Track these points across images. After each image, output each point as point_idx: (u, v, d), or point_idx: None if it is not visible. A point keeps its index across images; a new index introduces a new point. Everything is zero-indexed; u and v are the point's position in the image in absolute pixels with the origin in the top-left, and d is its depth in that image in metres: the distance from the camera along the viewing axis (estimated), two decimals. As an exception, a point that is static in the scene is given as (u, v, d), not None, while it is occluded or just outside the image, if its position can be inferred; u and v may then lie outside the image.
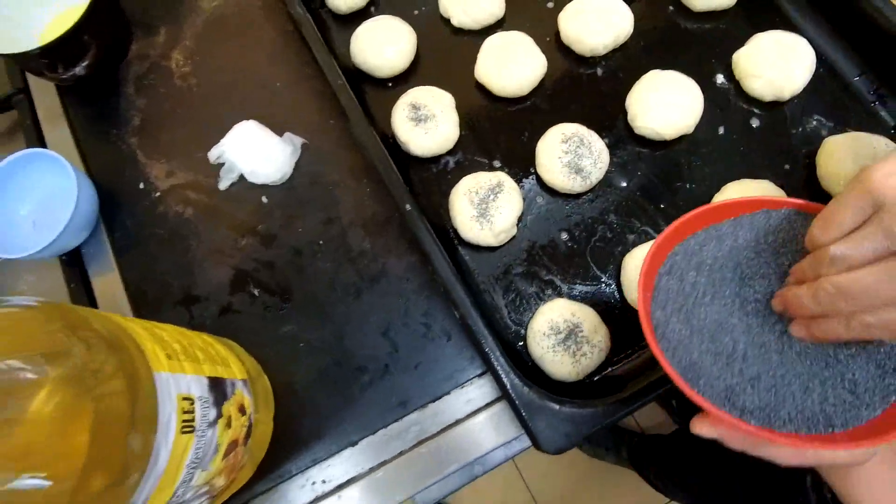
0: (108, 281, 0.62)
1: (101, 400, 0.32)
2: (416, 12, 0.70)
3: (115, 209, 0.65)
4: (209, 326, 0.60)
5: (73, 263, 0.63)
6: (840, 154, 0.57)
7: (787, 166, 0.60)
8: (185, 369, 0.40)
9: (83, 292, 0.62)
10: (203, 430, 0.40)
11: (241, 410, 0.47)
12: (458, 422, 0.56)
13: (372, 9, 0.70)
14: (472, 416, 0.56)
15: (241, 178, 0.64)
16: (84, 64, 0.63)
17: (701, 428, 0.38)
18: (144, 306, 0.61)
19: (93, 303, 0.62)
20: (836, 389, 0.36)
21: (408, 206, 0.55)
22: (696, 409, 0.37)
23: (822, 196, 0.58)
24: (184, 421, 0.38)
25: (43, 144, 0.67)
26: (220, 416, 0.42)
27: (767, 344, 0.38)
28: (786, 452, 0.36)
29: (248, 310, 0.60)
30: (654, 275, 0.41)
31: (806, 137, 0.61)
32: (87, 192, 0.62)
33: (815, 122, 0.61)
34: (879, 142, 0.57)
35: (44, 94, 0.70)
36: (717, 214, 0.42)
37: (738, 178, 0.59)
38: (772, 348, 0.38)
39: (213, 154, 0.64)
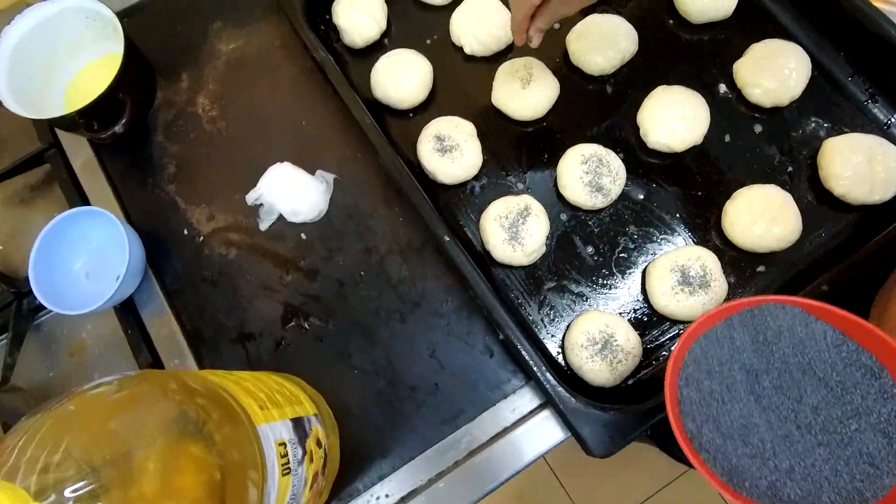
0: (163, 324, 0.66)
1: (223, 455, 0.36)
2: (428, 41, 0.73)
3: (162, 256, 0.68)
4: (266, 362, 0.64)
5: (127, 310, 0.66)
6: (839, 155, 0.61)
7: (790, 168, 0.65)
8: (274, 417, 0.44)
9: (140, 338, 0.66)
10: (296, 469, 0.44)
11: (318, 443, 0.51)
12: (505, 430, 0.61)
13: (386, 41, 0.73)
14: (520, 424, 0.61)
15: (280, 217, 0.67)
16: (122, 122, 0.66)
17: None
18: (202, 346, 0.65)
19: (150, 347, 0.65)
20: (860, 465, 0.41)
21: (446, 238, 0.59)
22: None
23: (827, 196, 0.62)
24: (283, 465, 0.42)
25: (83, 198, 0.70)
26: (304, 452, 0.47)
27: (790, 435, 0.43)
28: None
29: (300, 342, 0.64)
30: (676, 389, 0.46)
31: (805, 139, 0.65)
32: (135, 243, 0.65)
33: (813, 124, 0.66)
34: (875, 141, 0.61)
35: (76, 147, 0.72)
36: (710, 321, 0.46)
37: (746, 184, 0.63)
38: (794, 438, 0.43)
39: (251, 197, 0.67)
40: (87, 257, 0.67)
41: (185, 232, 0.69)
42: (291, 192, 0.66)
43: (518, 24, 0.54)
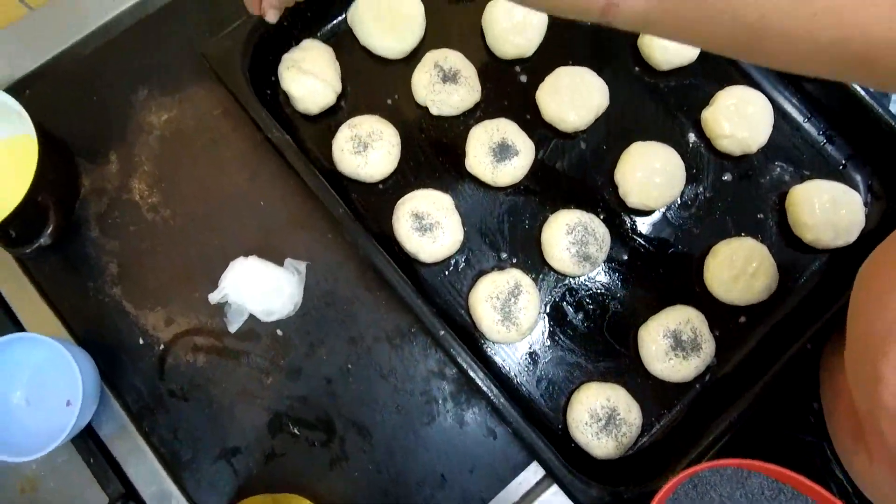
0: (131, 450, 0.60)
1: None
2: (389, 101, 0.67)
3: (118, 372, 0.61)
4: (257, 477, 0.59)
5: (86, 438, 0.59)
6: (805, 204, 0.64)
7: (759, 216, 0.66)
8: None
9: (106, 466, 0.59)
10: None
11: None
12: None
13: (342, 102, 0.67)
14: (529, 498, 0.61)
15: (251, 315, 0.62)
16: (48, 232, 0.57)
17: None
18: (182, 469, 0.59)
19: (121, 476, 0.59)
20: None
21: (439, 331, 0.57)
22: None
23: (796, 242, 0.65)
24: None
25: (10, 314, 0.61)
26: None
27: None
28: None
29: (292, 450, 0.60)
30: None
31: (773, 184, 0.67)
32: (85, 364, 0.57)
33: (778, 169, 0.67)
34: (837, 188, 0.64)
35: (-9, 254, 0.62)
36: (675, 483, 0.49)
37: (724, 233, 0.65)
38: None
39: (215, 297, 0.60)
40: (26, 384, 0.59)
41: (141, 341, 0.61)
42: (261, 290, 0.60)
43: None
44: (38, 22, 0.67)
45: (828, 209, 0.63)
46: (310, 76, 0.63)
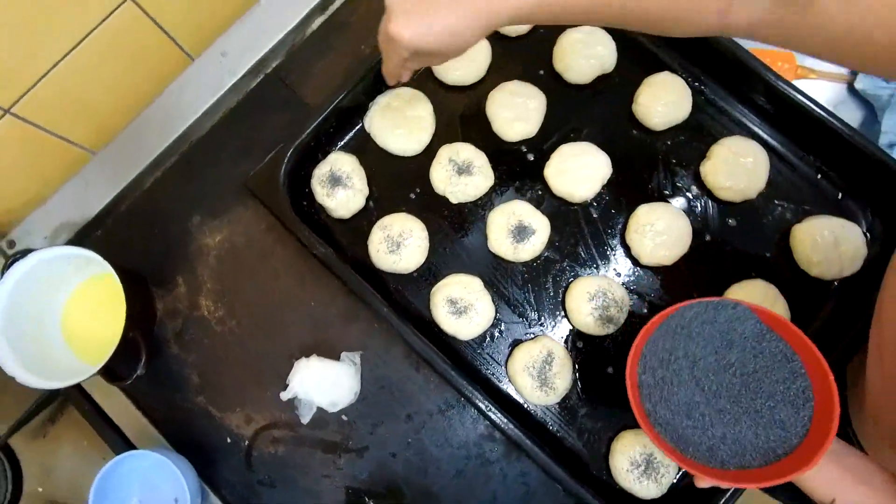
0: (234, 536, 0.69)
1: None
2: (412, 196, 0.74)
3: (212, 469, 0.70)
4: (344, 547, 0.68)
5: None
6: (808, 241, 0.68)
7: (767, 254, 0.71)
8: None
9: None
10: None
11: None
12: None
13: (371, 203, 0.74)
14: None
15: (318, 407, 0.70)
16: (142, 363, 0.66)
17: (701, 483, 0.54)
18: (280, 550, 0.68)
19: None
20: (774, 430, 0.53)
21: (482, 405, 0.64)
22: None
23: (803, 278, 0.70)
24: None
25: (112, 426, 0.70)
26: None
27: (723, 409, 0.54)
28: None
29: (371, 520, 0.68)
30: (636, 377, 0.56)
31: (775, 223, 0.72)
32: (187, 470, 0.67)
33: (779, 208, 0.72)
34: (836, 223, 0.68)
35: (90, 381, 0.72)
36: (661, 318, 0.56)
37: (734, 278, 0.70)
38: (726, 411, 0.54)
39: (286, 396, 0.69)
40: (138, 491, 0.69)
41: (228, 439, 0.71)
42: (325, 386, 0.68)
43: (390, 73, 0.57)
44: (98, 166, 0.76)
45: (829, 244, 0.68)
46: (339, 186, 0.71)
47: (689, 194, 0.73)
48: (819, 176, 0.72)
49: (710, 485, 0.54)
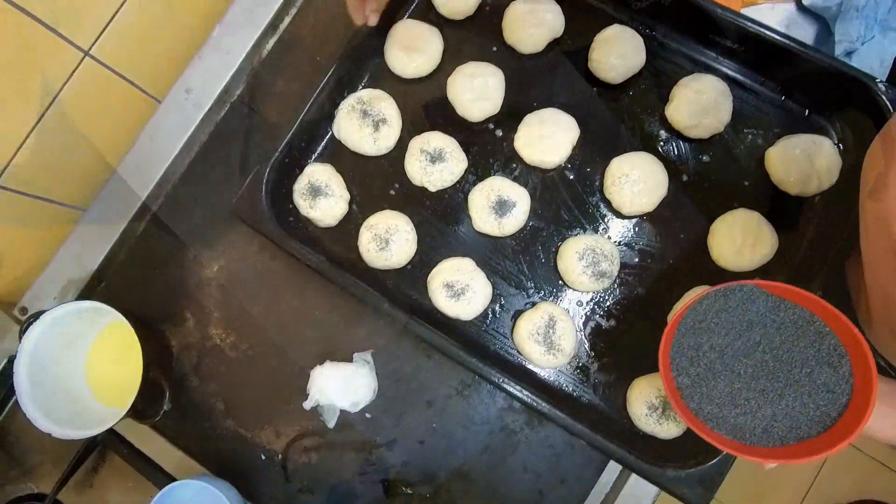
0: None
1: None
2: (392, 192, 0.76)
3: (252, 488, 0.73)
4: (390, 537, 0.71)
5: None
6: (781, 164, 0.69)
7: (746, 182, 0.72)
8: None
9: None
10: None
11: None
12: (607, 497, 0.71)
13: (354, 206, 0.76)
14: (616, 488, 0.70)
15: (342, 410, 0.72)
16: (166, 399, 0.68)
17: (768, 465, 0.54)
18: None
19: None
20: (820, 394, 0.53)
21: (496, 379, 0.66)
22: None
23: (785, 198, 0.71)
24: None
25: (163, 472, 0.73)
26: None
27: (765, 388, 0.54)
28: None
29: (411, 507, 0.71)
30: (673, 381, 0.56)
31: (748, 151, 0.73)
32: (228, 491, 0.69)
33: (749, 136, 0.73)
34: (806, 140, 0.69)
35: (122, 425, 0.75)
36: (677, 320, 0.56)
37: (718, 212, 0.71)
38: (769, 390, 0.54)
39: (308, 405, 0.71)
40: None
41: (263, 457, 0.73)
42: (343, 389, 0.71)
43: (353, 6, 0.59)
44: (91, 221, 0.79)
45: (804, 161, 0.68)
46: (322, 196, 0.73)
47: (659, 140, 0.74)
48: (783, 97, 0.73)
49: (776, 464, 0.54)
